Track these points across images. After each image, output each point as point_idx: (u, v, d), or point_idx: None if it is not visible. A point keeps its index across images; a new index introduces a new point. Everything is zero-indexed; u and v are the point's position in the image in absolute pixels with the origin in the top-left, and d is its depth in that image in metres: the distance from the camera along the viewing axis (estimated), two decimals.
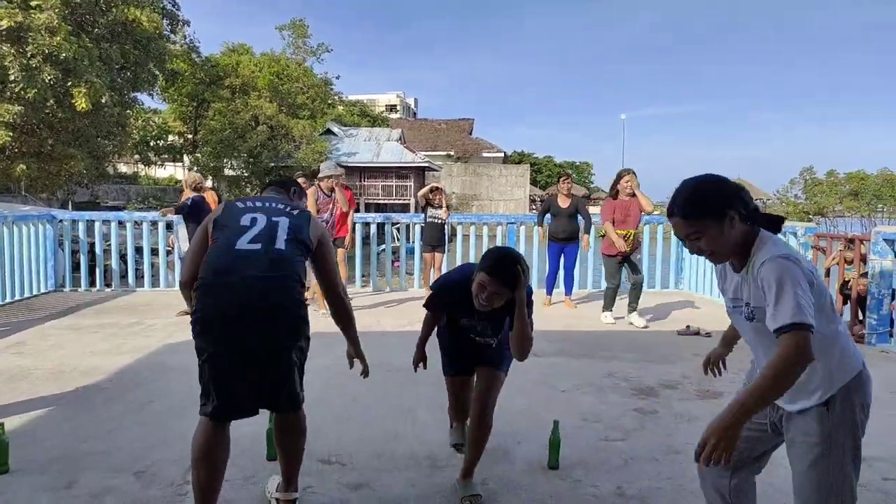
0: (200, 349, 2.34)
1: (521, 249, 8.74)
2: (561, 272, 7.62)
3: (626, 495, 2.81)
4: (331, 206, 6.81)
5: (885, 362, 5.14)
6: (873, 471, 3.05)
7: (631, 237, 6.32)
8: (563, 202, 7.40)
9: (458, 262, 8.73)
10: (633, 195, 6.35)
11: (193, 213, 6.54)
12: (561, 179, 7.64)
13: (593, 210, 9.58)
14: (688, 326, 6.15)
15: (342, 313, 2.73)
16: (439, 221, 8.08)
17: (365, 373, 2.85)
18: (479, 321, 2.72)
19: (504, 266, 2.42)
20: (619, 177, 6.39)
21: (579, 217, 7.49)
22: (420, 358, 3.04)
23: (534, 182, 51.22)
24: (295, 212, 2.54)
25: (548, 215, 7.52)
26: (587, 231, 7.81)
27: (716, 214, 1.79)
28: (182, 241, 7.11)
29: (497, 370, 2.85)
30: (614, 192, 6.44)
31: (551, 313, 7.02)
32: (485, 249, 9.09)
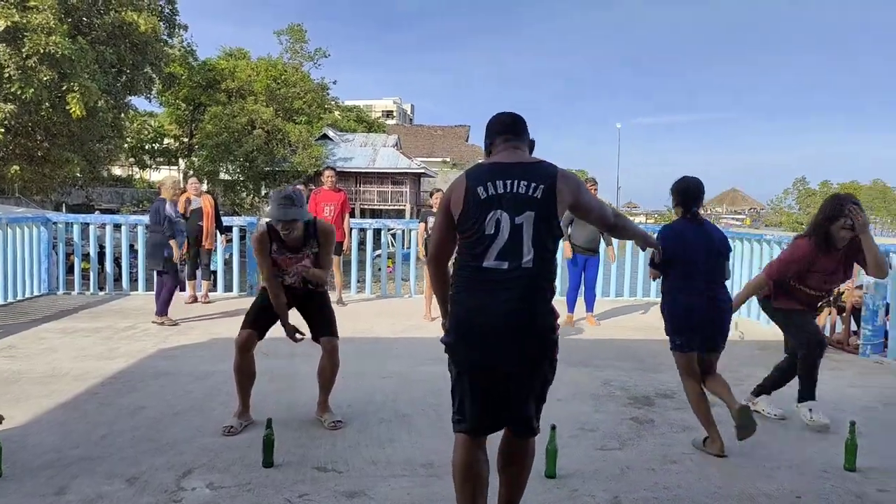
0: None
1: None
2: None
3: None
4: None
5: (879, 373, 5.15)
6: (869, 482, 3.05)
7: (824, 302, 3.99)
8: None
9: None
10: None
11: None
12: (587, 184, 7.41)
13: None
14: None
15: None
16: None
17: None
18: None
19: None
20: (839, 206, 3.58)
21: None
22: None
23: None
24: None
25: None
26: (609, 242, 7.34)
27: None
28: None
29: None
30: (821, 232, 3.64)
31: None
32: None
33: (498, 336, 2.17)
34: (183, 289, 7.32)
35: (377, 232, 9.03)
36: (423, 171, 36.41)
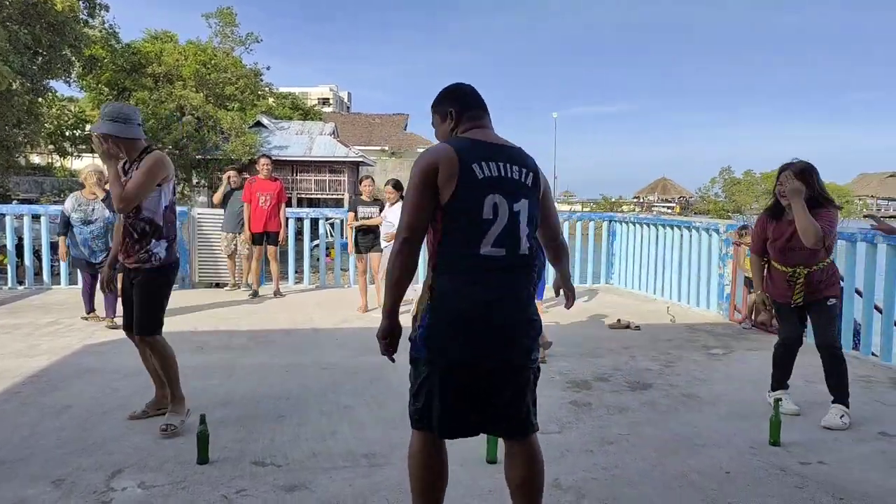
0: None
1: None
2: None
3: (562, 487, 2.85)
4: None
5: (800, 353, 5.43)
6: (792, 456, 3.21)
7: (798, 279, 3.74)
8: None
9: None
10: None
11: None
12: None
13: None
14: (619, 320, 6.32)
15: None
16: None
17: None
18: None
19: None
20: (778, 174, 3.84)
21: None
22: None
23: None
24: None
25: None
26: None
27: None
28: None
29: None
30: (772, 201, 3.87)
31: None
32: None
33: (493, 327, 2.05)
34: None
35: (314, 221, 8.88)
36: (361, 159, 36.00)
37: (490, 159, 2.08)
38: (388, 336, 2.14)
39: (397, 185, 6.49)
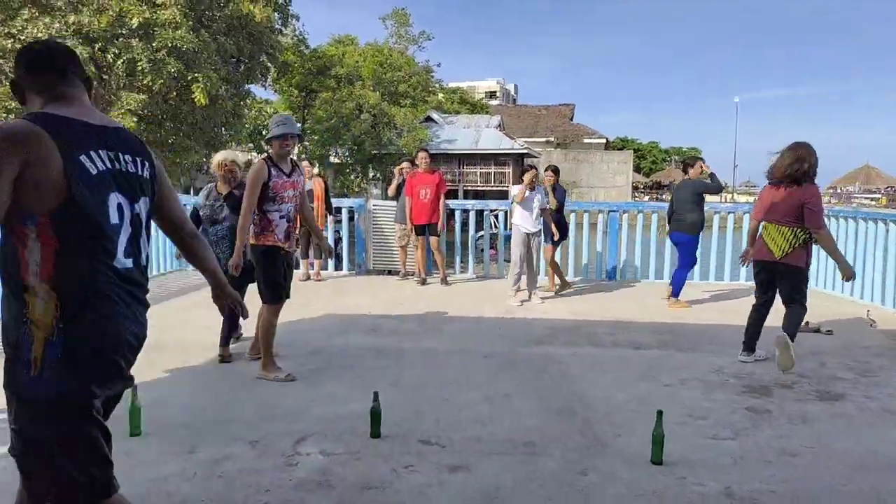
0: None
1: (624, 238, 8.48)
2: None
3: (735, 496, 2.68)
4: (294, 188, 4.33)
5: None
6: None
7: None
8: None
9: (570, 255, 8.59)
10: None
11: None
12: (696, 164, 6.84)
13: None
14: (807, 323, 5.74)
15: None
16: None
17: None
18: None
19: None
20: None
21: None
22: None
23: (637, 169, 49.50)
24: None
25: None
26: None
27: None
28: None
29: None
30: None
31: (656, 304, 6.77)
32: (585, 238, 8.73)
33: (130, 350, 1.78)
34: (297, 266, 7.69)
35: (479, 213, 9.07)
36: (526, 151, 36.04)
37: (99, 147, 1.69)
38: None
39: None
